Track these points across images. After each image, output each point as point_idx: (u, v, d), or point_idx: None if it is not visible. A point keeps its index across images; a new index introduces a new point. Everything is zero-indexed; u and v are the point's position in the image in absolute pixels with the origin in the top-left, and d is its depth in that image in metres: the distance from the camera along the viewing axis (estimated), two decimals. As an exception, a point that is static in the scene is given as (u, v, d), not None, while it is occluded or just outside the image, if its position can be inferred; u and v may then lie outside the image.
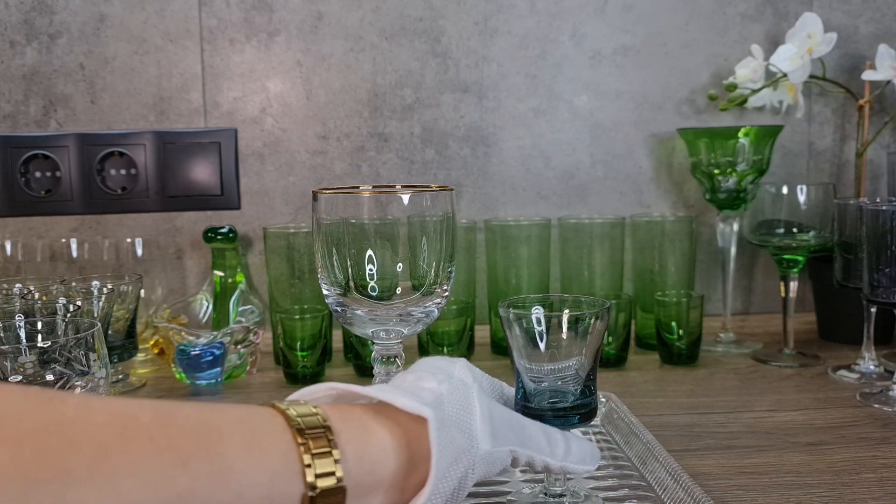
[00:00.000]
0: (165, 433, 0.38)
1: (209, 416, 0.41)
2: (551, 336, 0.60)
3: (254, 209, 1.20)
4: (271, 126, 1.19)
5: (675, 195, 1.23)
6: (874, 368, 0.97)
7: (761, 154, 1.08)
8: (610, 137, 1.22)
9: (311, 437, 0.43)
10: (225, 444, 0.40)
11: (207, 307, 1.14)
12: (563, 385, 0.60)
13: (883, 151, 1.24)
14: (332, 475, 0.42)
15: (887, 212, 0.88)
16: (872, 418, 0.83)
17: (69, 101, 1.16)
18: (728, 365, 1.04)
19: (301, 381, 0.99)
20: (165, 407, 0.41)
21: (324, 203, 0.67)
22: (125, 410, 0.39)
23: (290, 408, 0.45)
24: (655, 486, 0.66)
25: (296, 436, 0.43)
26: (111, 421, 0.37)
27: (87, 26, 1.15)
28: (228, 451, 0.40)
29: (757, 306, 1.27)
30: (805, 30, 1.11)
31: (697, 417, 0.84)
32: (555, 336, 0.60)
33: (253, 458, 0.41)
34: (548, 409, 0.60)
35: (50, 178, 1.16)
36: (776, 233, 1.06)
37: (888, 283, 0.89)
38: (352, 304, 0.69)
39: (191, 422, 0.40)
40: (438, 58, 1.19)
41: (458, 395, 0.51)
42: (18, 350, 0.59)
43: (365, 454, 0.45)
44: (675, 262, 1.11)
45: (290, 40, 1.17)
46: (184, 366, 0.97)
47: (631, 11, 1.20)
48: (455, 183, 1.21)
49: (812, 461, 0.72)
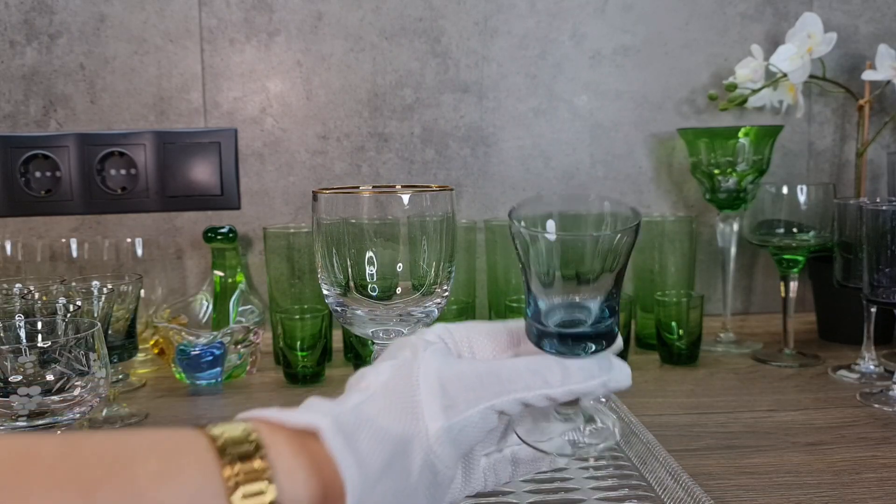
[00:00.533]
0: (68, 463, 0.36)
1: (123, 442, 0.39)
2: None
3: (254, 209, 1.20)
4: (271, 126, 1.19)
5: (675, 195, 1.23)
6: (874, 368, 0.97)
7: (761, 154, 1.08)
8: (610, 137, 1.22)
9: (238, 454, 0.39)
10: (137, 468, 0.37)
11: (207, 307, 1.14)
12: (581, 300, 0.49)
13: (883, 151, 1.24)
14: (261, 494, 0.38)
15: (887, 212, 0.88)
16: (872, 418, 0.83)
17: (69, 101, 1.16)
18: (728, 365, 1.04)
19: (301, 381, 0.99)
20: (74, 437, 0.39)
21: (324, 203, 0.67)
22: (23, 445, 0.36)
23: (215, 427, 0.41)
24: (655, 486, 0.66)
25: (219, 454, 0.39)
26: (6, 457, 0.35)
27: (87, 26, 1.15)
28: (139, 476, 0.37)
29: (757, 306, 1.27)
30: (805, 30, 1.11)
31: (697, 417, 0.84)
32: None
33: (169, 481, 0.37)
34: (561, 326, 0.49)
35: (50, 178, 1.16)
36: (776, 233, 1.06)
37: (888, 282, 0.89)
38: (352, 304, 0.69)
39: (100, 449, 0.38)
40: (438, 58, 1.19)
41: (399, 378, 0.46)
42: (18, 350, 0.59)
43: (296, 469, 0.40)
44: (675, 262, 1.11)
45: (290, 40, 1.17)
46: (184, 366, 0.97)
47: (631, 11, 1.20)
48: (455, 183, 1.21)
49: (812, 461, 0.72)
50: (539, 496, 0.65)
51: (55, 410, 0.60)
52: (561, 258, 0.48)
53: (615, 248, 0.48)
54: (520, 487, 0.66)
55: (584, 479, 0.68)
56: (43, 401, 0.59)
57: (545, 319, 0.49)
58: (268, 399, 0.95)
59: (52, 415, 0.60)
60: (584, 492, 0.65)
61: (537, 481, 0.67)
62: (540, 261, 0.49)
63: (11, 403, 0.58)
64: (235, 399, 0.95)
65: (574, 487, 0.66)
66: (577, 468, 0.70)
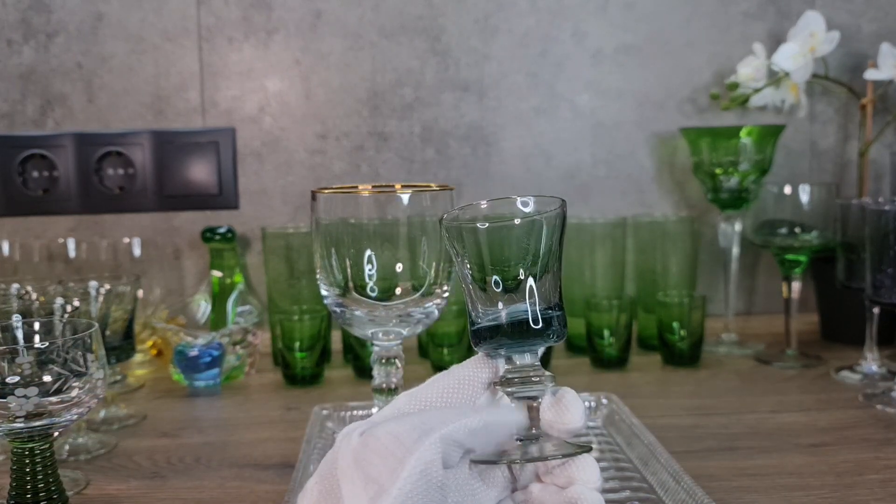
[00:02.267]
0: None
1: None
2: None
3: (252, 209, 1.19)
4: (270, 125, 1.18)
5: (677, 195, 1.23)
6: (877, 369, 0.96)
7: (763, 154, 1.08)
8: (612, 137, 1.21)
9: None
10: None
11: (206, 308, 1.13)
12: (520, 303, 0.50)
13: (886, 151, 1.23)
14: None
15: (890, 212, 0.88)
16: (875, 419, 0.83)
17: (66, 101, 1.15)
18: (730, 366, 1.03)
19: (300, 382, 0.99)
20: None
21: (323, 203, 0.67)
22: None
23: None
24: (657, 488, 0.65)
25: None
26: None
27: (84, 25, 1.14)
28: None
29: (759, 307, 1.26)
30: (807, 28, 1.10)
31: (699, 419, 0.84)
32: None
33: None
34: (508, 327, 0.50)
35: (47, 178, 1.15)
36: (778, 233, 1.06)
37: (891, 283, 0.89)
38: (351, 305, 0.69)
39: None
40: (438, 56, 1.18)
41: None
42: (16, 351, 0.59)
43: None
44: (676, 262, 1.11)
45: (289, 39, 1.17)
46: (182, 367, 0.96)
47: (632, 10, 1.19)
48: (455, 182, 1.20)
49: (814, 462, 0.72)
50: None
51: (53, 412, 0.59)
52: (491, 253, 0.50)
53: (540, 234, 0.49)
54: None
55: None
56: (40, 402, 0.59)
57: (491, 321, 0.50)
58: (267, 400, 0.94)
59: (50, 416, 0.59)
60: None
61: (538, 484, 0.67)
62: (477, 261, 0.50)
63: (9, 405, 0.58)
64: (234, 400, 0.94)
65: (575, 490, 0.66)
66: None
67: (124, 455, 0.78)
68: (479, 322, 0.51)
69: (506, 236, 0.50)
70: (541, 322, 0.50)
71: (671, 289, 1.10)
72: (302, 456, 0.70)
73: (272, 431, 0.83)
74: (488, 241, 0.50)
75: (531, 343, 0.50)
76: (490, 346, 0.51)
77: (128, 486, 0.71)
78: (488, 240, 0.50)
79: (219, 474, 0.73)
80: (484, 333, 0.51)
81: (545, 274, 0.50)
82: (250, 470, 0.73)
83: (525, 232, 0.50)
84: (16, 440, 0.60)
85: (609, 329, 1.02)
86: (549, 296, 0.51)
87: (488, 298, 0.51)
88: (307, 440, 0.74)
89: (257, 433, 0.83)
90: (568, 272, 1.12)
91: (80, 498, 0.69)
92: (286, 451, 0.77)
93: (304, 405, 0.91)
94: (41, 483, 0.61)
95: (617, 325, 1.02)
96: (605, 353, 1.03)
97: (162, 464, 0.75)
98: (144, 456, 0.77)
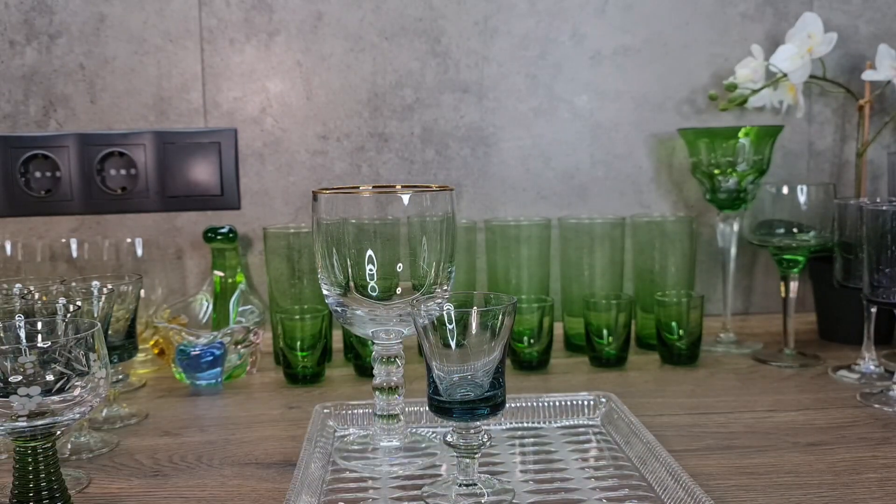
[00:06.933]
0: None
1: None
2: (462, 332, 0.62)
3: (254, 209, 1.20)
4: (271, 126, 1.18)
5: (675, 195, 1.23)
6: (874, 368, 0.97)
7: (761, 154, 1.08)
8: (610, 137, 1.22)
9: None
10: None
11: (207, 307, 1.14)
12: (472, 378, 0.62)
13: (883, 151, 1.24)
14: None
15: (887, 212, 0.88)
16: (873, 418, 0.83)
17: (69, 101, 1.16)
18: (728, 365, 1.04)
19: (301, 381, 0.99)
20: None
21: (324, 203, 0.67)
22: None
23: None
24: (656, 486, 0.66)
25: None
26: None
27: (86, 26, 1.15)
28: None
29: (757, 306, 1.27)
30: (805, 30, 1.11)
31: (698, 418, 0.84)
32: (465, 332, 0.61)
33: None
34: (458, 401, 0.62)
35: (50, 178, 1.16)
36: (776, 233, 1.06)
37: (888, 283, 0.89)
38: (352, 305, 0.69)
39: None
40: (438, 58, 1.19)
41: None
42: (18, 350, 0.59)
43: None
44: (675, 262, 1.11)
45: (290, 40, 1.17)
46: (184, 366, 0.97)
47: (631, 11, 1.20)
48: (455, 183, 1.21)
49: (812, 461, 0.72)
50: (539, 496, 0.65)
51: (55, 411, 0.60)
52: (457, 329, 0.61)
53: (496, 321, 0.61)
54: (520, 487, 0.66)
55: (585, 480, 0.68)
56: (43, 401, 0.59)
57: (445, 395, 0.63)
58: (268, 399, 0.95)
59: (52, 415, 0.60)
60: (584, 492, 0.65)
61: (537, 481, 0.67)
62: (441, 335, 0.62)
63: (11, 404, 0.58)
64: (235, 399, 0.95)
65: (574, 488, 0.66)
66: (576, 468, 0.70)
67: (126, 454, 0.78)
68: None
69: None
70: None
71: (669, 288, 1.10)
72: (303, 454, 0.70)
73: (273, 430, 0.84)
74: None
75: None
76: None
77: (130, 485, 0.71)
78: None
79: (220, 473, 0.73)
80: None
81: None
82: (252, 468, 0.74)
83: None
84: (18, 439, 0.60)
85: (608, 328, 1.03)
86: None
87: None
88: (308, 439, 0.74)
89: (259, 432, 0.83)
90: (567, 272, 1.13)
91: (82, 496, 0.69)
92: (287, 449, 0.78)
93: (306, 404, 0.91)
94: (43, 482, 0.61)
95: (616, 325, 1.03)
96: (604, 353, 1.03)
97: (164, 462, 0.76)
98: (146, 454, 0.78)
